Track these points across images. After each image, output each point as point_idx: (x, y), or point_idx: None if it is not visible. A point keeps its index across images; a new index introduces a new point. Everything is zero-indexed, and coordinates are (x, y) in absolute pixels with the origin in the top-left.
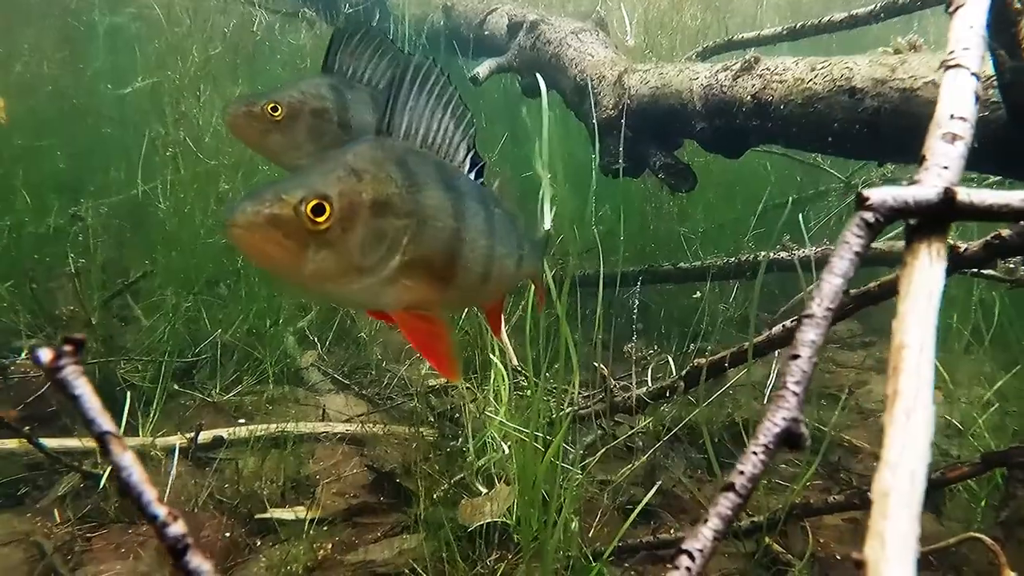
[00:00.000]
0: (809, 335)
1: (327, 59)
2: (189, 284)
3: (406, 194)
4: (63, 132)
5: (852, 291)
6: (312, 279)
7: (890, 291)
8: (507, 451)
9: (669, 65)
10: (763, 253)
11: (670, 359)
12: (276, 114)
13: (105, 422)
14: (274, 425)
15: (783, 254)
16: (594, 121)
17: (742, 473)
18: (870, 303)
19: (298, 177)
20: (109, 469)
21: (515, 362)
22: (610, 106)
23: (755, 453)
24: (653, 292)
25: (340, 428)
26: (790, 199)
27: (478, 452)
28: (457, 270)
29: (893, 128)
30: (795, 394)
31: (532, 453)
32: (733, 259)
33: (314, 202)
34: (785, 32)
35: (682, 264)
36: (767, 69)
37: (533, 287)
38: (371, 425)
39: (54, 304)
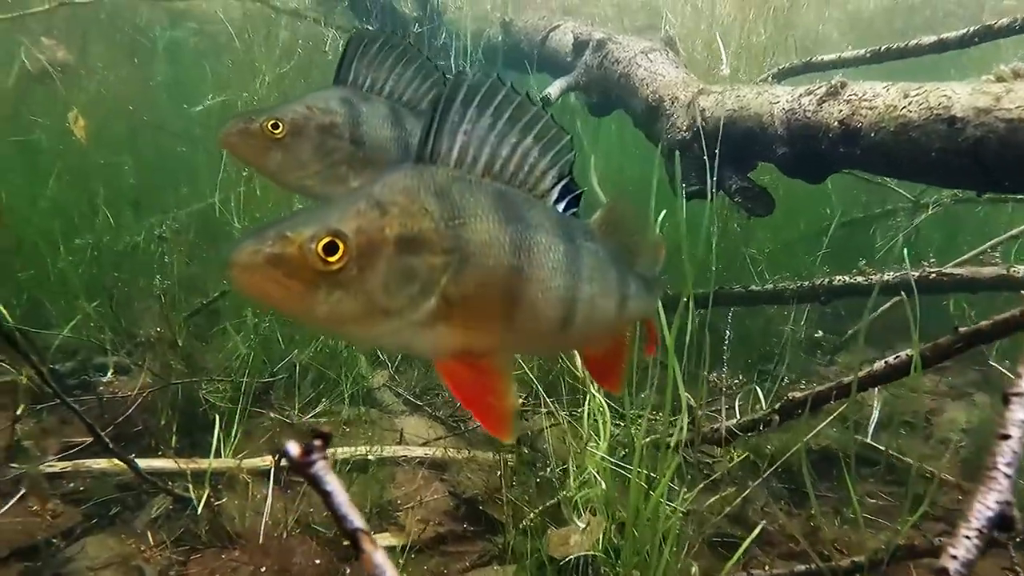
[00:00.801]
0: (1020, 414)
1: (340, 69)
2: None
3: (444, 228)
4: (135, 149)
5: (962, 329)
6: (328, 322)
7: (1005, 330)
8: (602, 484)
9: (746, 87)
10: (839, 277)
11: (757, 389)
12: (277, 131)
13: (356, 519)
14: (356, 449)
15: (859, 278)
16: (666, 142)
17: (955, 558)
18: (982, 342)
19: (314, 211)
20: (205, 495)
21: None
22: (683, 127)
23: (968, 537)
24: (717, 315)
25: (419, 452)
26: (848, 216)
27: (564, 481)
28: (520, 314)
29: (998, 159)
30: (1007, 476)
31: (636, 489)
32: (807, 283)
33: (326, 240)
34: (868, 55)
35: (753, 287)
36: (855, 95)
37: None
38: (452, 450)
39: (133, 321)
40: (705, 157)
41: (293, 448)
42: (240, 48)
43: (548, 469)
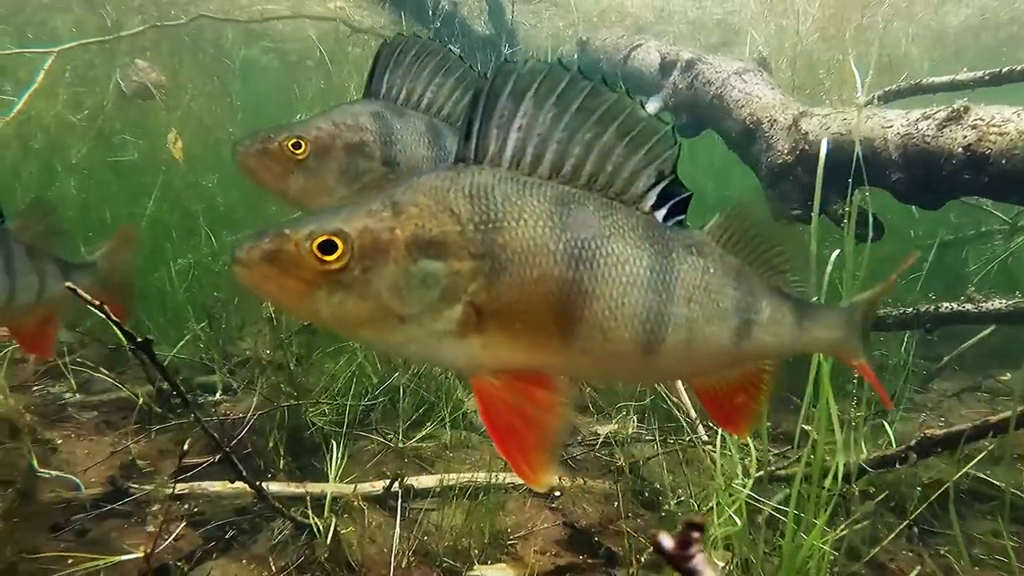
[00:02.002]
0: None
1: (371, 81)
2: None
3: (473, 232)
4: (222, 167)
5: None
6: (336, 324)
7: None
8: (737, 520)
9: (853, 111)
10: (946, 304)
11: (886, 425)
12: (299, 152)
13: None
14: (464, 475)
15: (968, 305)
16: (765, 165)
17: None
18: None
19: (331, 210)
20: (332, 523)
21: (693, 415)
22: (785, 151)
23: None
24: None
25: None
26: (938, 238)
27: (679, 513)
28: (580, 333)
29: None
30: None
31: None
32: (911, 309)
33: (321, 239)
34: (987, 77)
35: None
36: (981, 120)
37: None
38: (565, 479)
39: (230, 341)
40: (805, 180)
41: (667, 541)
42: (312, 65)
43: (670, 500)
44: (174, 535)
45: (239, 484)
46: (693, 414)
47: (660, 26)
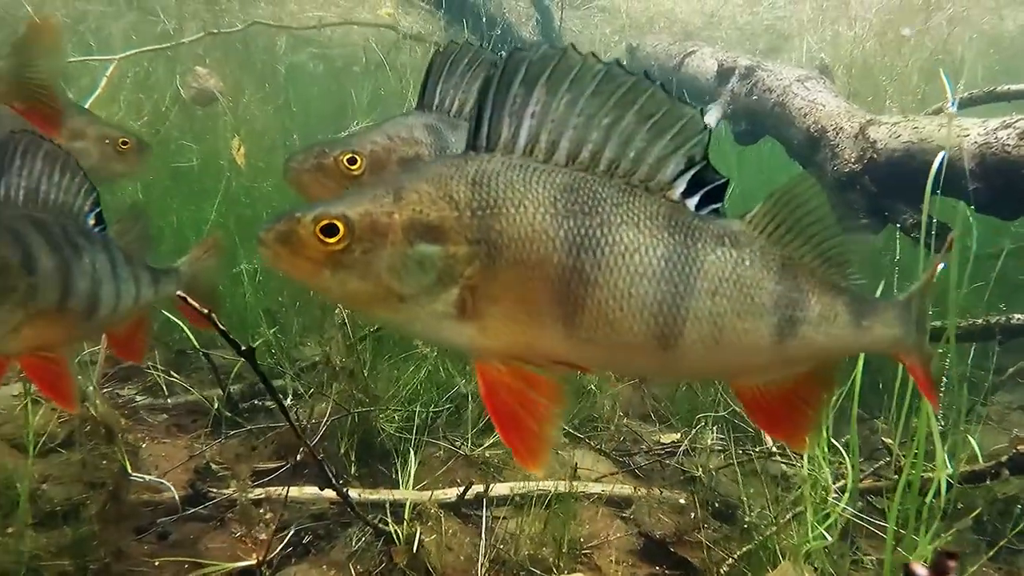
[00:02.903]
0: None
1: (424, 92)
2: None
3: (470, 218)
4: (279, 174)
5: None
6: (345, 300)
7: None
8: (827, 536)
9: (923, 119)
10: (1017, 316)
11: (971, 440)
12: (354, 167)
13: None
14: (538, 483)
15: None
16: (831, 174)
17: None
18: None
19: (339, 196)
20: (416, 531)
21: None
22: (852, 159)
23: None
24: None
25: (599, 489)
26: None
27: (761, 525)
28: (585, 323)
29: None
30: None
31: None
32: (981, 320)
33: (325, 222)
34: None
35: None
36: None
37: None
38: (640, 489)
39: (293, 345)
40: (872, 190)
41: (920, 570)
42: (358, 71)
43: (748, 512)
44: (258, 541)
45: (316, 490)
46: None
47: (707, 32)
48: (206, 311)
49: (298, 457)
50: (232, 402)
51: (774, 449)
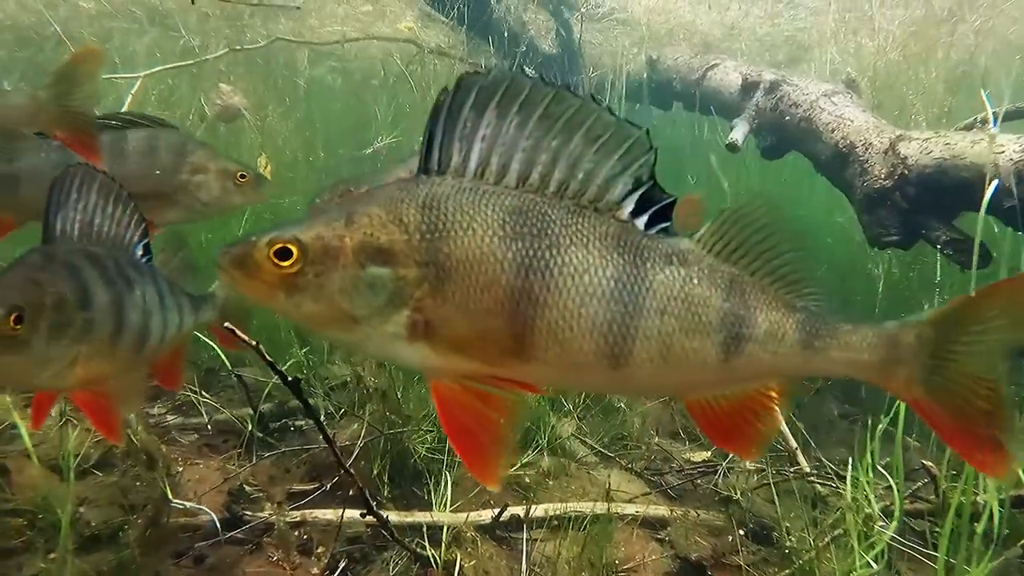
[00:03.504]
0: None
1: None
2: None
3: (419, 241)
4: (306, 189)
5: None
6: (302, 321)
7: None
8: (873, 564)
9: (955, 134)
10: None
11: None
12: None
13: None
14: (572, 504)
15: None
16: (860, 190)
17: None
18: None
19: (293, 221)
20: (457, 557)
21: (792, 444)
22: (882, 176)
23: None
24: None
25: (630, 509)
26: None
27: (804, 551)
28: (534, 343)
29: None
30: None
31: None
32: None
33: (278, 246)
34: None
35: None
36: None
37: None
38: (675, 511)
39: (321, 364)
40: (903, 206)
41: None
42: (376, 84)
43: (786, 536)
44: (295, 565)
45: (352, 512)
46: (792, 443)
47: (727, 43)
48: (254, 343)
49: (334, 479)
50: (263, 422)
51: (807, 469)
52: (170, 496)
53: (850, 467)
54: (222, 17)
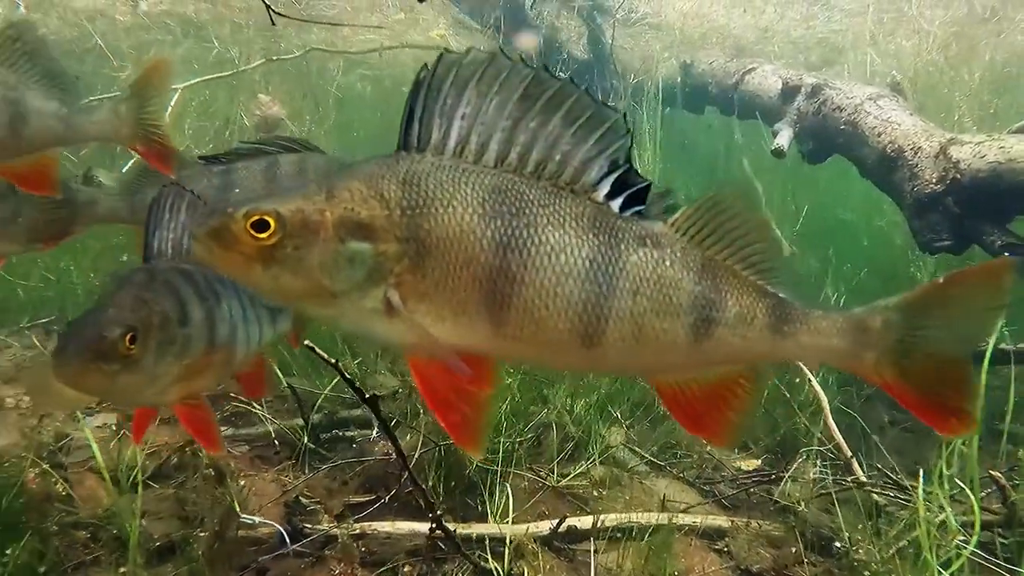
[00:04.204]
0: None
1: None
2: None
3: (400, 217)
4: None
5: None
6: (278, 296)
7: None
8: None
9: (1011, 138)
10: None
11: None
12: None
13: None
14: (630, 515)
15: None
16: (910, 195)
17: None
18: None
19: (273, 192)
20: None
21: (847, 452)
22: (933, 180)
23: None
24: None
25: (688, 520)
26: None
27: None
28: (510, 319)
29: None
30: None
31: None
32: None
33: (255, 217)
34: None
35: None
36: None
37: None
38: (736, 522)
39: (369, 374)
40: (955, 211)
41: None
42: (406, 91)
43: (851, 547)
44: None
45: (411, 525)
46: (847, 452)
47: (759, 46)
48: (333, 361)
49: (392, 492)
50: (314, 433)
51: (863, 478)
52: (239, 510)
53: (921, 479)
54: (255, 27)
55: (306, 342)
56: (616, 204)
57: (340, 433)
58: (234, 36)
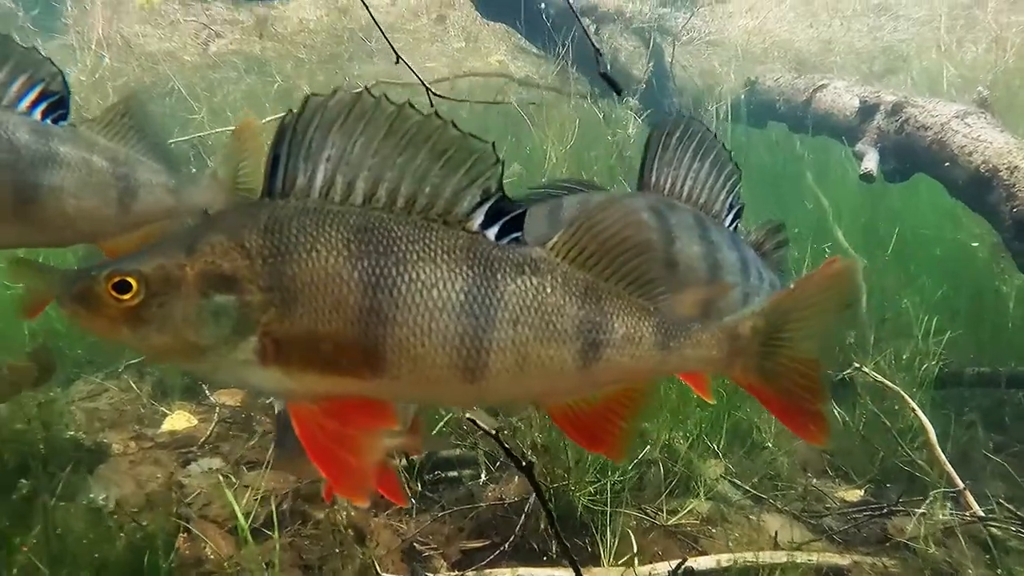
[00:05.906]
0: None
1: (643, 168)
2: None
3: (262, 266)
4: None
5: None
6: (149, 354)
7: None
8: None
9: None
10: None
11: None
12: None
13: None
14: (745, 555)
15: None
16: (1010, 216)
17: None
18: None
19: (137, 252)
20: None
21: (958, 484)
22: None
23: None
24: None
25: (804, 558)
26: None
27: None
28: (388, 360)
29: None
30: None
31: None
32: None
33: (116, 279)
34: None
35: None
36: None
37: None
38: (853, 558)
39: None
40: None
41: None
42: (465, 116)
43: None
44: None
45: (532, 571)
46: (958, 482)
47: (820, 58)
48: (493, 432)
49: (510, 537)
50: (420, 475)
51: (979, 511)
52: (379, 570)
53: None
54: (316, 61)
55: (466, 415)
56: (492, 232)
57: (442, 474)
58: (296, 70)
